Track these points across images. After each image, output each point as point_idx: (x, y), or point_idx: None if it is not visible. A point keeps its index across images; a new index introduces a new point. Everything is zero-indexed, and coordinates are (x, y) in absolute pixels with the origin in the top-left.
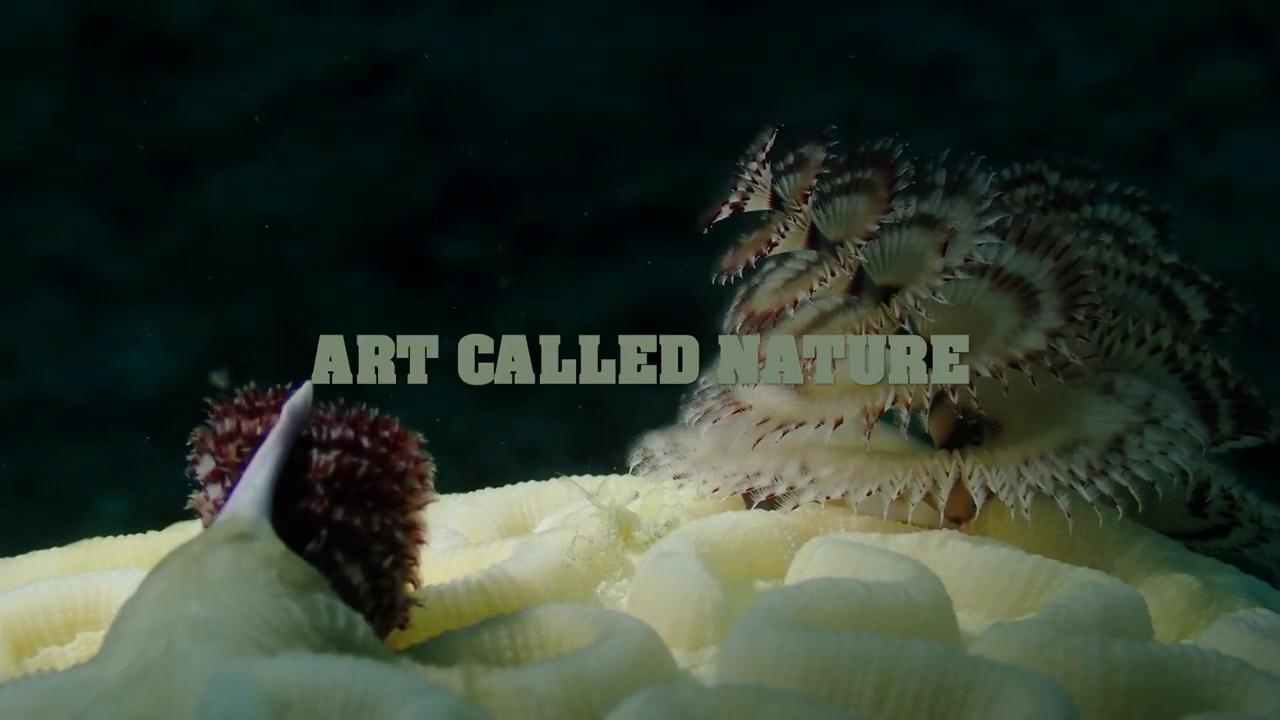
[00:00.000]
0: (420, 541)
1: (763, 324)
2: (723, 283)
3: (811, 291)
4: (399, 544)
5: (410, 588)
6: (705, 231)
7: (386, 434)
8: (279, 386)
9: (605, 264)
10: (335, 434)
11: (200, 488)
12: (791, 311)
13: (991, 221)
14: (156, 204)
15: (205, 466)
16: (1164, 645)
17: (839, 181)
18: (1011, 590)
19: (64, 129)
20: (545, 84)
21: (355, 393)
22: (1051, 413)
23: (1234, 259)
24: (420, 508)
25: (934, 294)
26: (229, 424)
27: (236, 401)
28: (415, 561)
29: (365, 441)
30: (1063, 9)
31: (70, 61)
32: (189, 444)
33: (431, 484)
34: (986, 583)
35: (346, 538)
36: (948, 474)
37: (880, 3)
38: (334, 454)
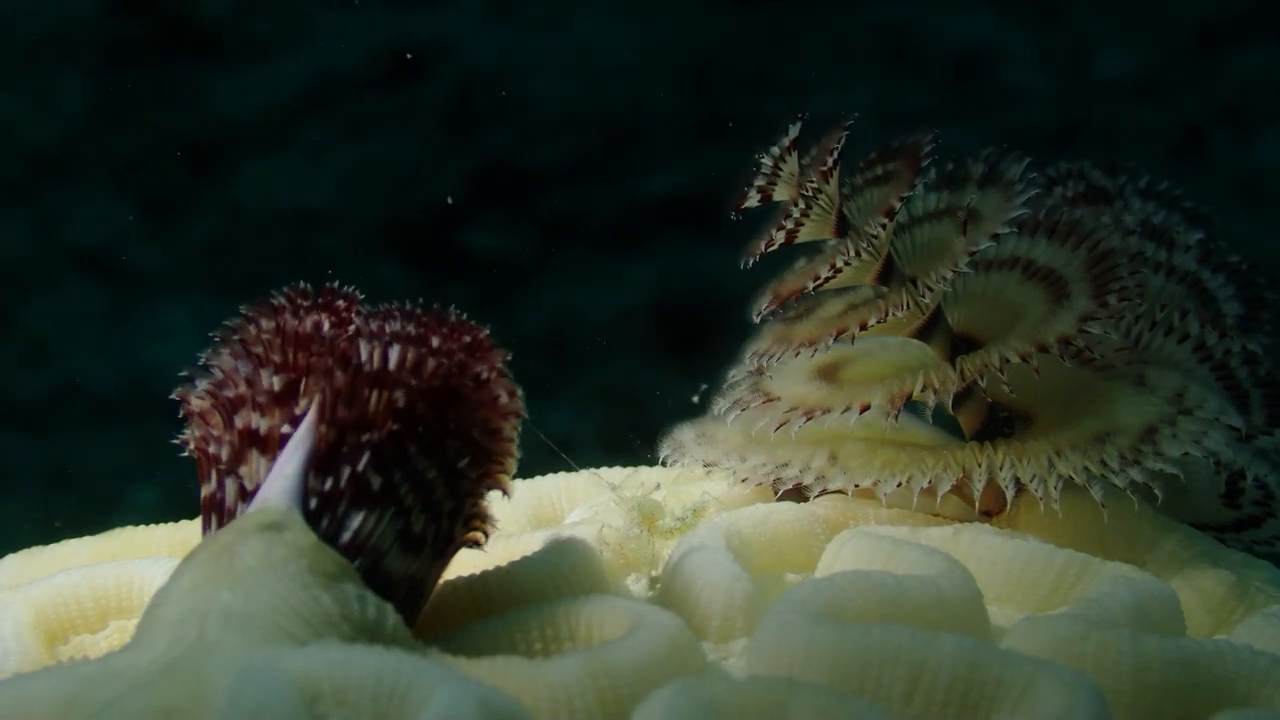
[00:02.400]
0: (507, 452)
1: (787, 300)
2: (749, 265)
3: (835, 268)
4: (478, 445)
5: (496, 497)
6: (735, 217)
7: (467, 338)
8: (328, 285)
9: (633, 256)
10: (397, 327)
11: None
12: (811, 284)
13: (1019, 206)
14: (188, 195)
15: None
16: (1196, 641)
17: (869, 175)
18: (1042, 584)
19: (97, 120)
20: (575, 76)
21: None
22: (1083, 405)
23: (1270, 250)
24: (505, 417)
25: (957, 272)
26: (268, 323)
27: (277, 302)
28: (502, 469)
29: (436, 340)
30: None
31: (103, 52)
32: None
33: (520, 402)
34: (1017, 576)
35: (418, 430)
36: (979, 465)
37: None
38: (398, 347)
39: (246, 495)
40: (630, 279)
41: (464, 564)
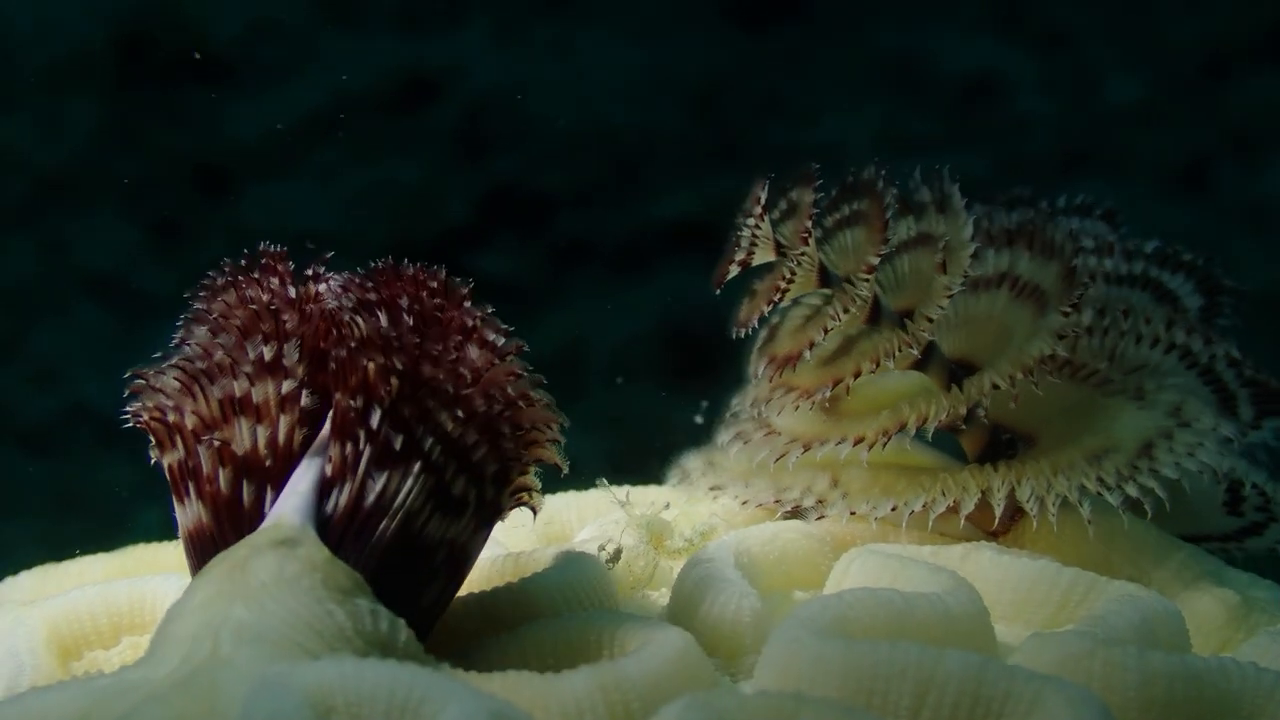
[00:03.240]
0: (545, 421)
1: (784, 367)
2: (742, 335)
3: (826, 332)
4: (496, 415)
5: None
6: (718, 292)
7: (433, 284)
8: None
9: (642, 280)
10: (372, 296)
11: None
12: (809, 354)
13: (971, 230)
14: (197, 218)
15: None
16: (1201, 658)
17: (836, 216)
18: (1049, 602)
19: (106, 143)
20: (582, 100)
21: None
22: (1084, 422)
23: (1275, 277)
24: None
25: (942, 311)
26: (230, 296)
27: (220, 280)
28: (538, 443)
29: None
30: (1103, 27)
31: (113, 76)
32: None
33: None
34: (1024, 594)
35: (427, 386)
36: (977, 487)
37: (918, 20)
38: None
39: (228, 459)
40: (638, 303)
41: (476, 580)
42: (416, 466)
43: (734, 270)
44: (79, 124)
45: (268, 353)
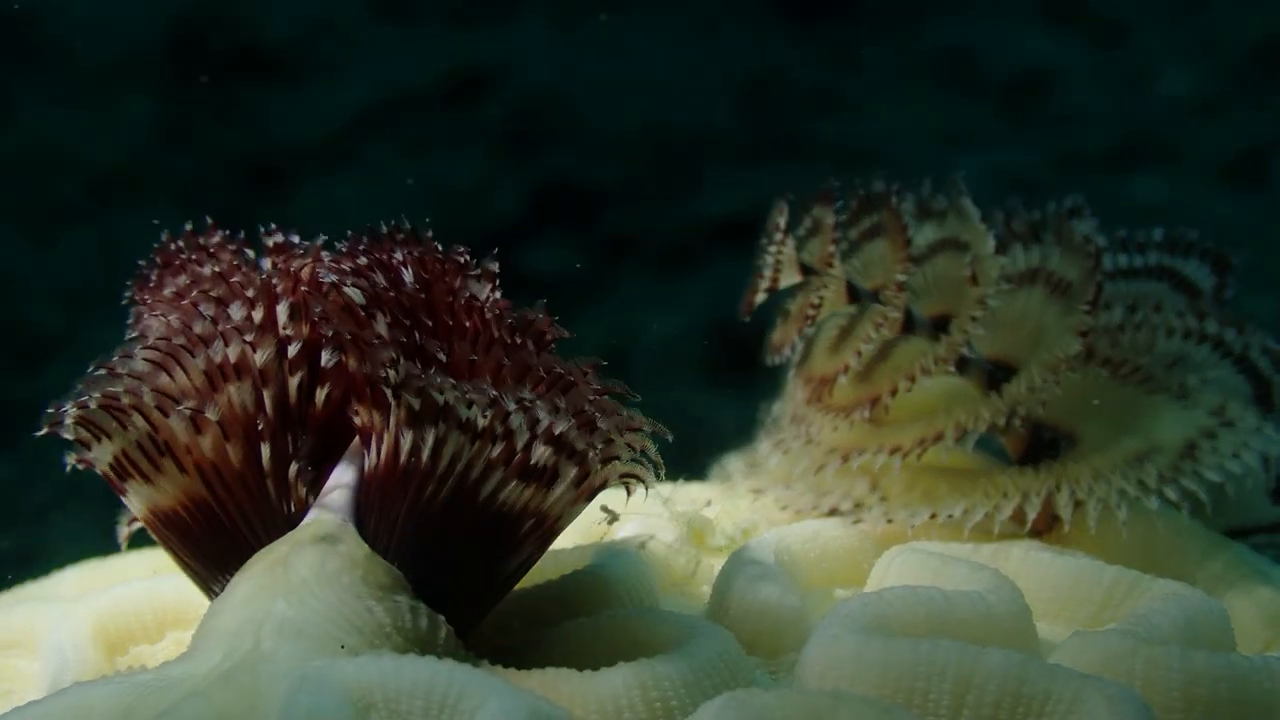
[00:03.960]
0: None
1: (821, 387)
2: (776, 361)
3: (860, 354)
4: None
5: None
6: (747, 319)
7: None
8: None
9: (689, 276)
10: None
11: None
12: (844, 378)
13: (993, 242)
14: (250, 214)
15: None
16: (1246, 657)
17: (857, 230)
18: (1091, 600)
19: (161, 140)
20: (634, 96)
21: None
22: (1126, 421)
23: None
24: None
25: (976, 325)
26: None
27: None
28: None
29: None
30: (1157, 19)
31: (168, 74)
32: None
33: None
34: (1066, 592)
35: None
36: (1017, 492)
37: (970, 14)
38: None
39: (204, 425)
40: (687, 299)
41: None
42: (474, 432)
43: (761, 296)
44: (135, 121)
45: (257, 315)
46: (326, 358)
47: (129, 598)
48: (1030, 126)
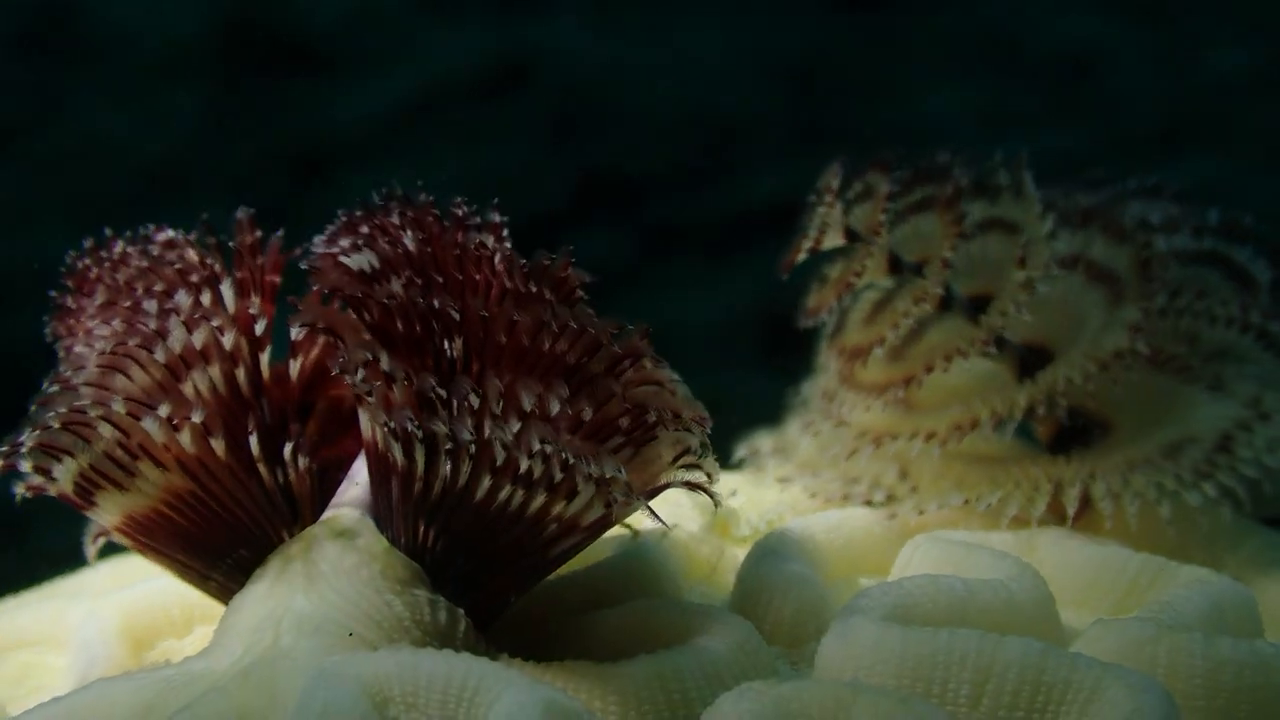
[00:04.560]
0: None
1: (854, 359)
2: (810, 324)
3: (897, 326)
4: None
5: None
6: (785, 278)
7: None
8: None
9: (736, 263)
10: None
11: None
12: (880, 351)
13: (1051, 226)
14: (297, 207)
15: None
16: (1272, 645)
17: (908, 201)
18: (1117, 587)
19: (209, 134)
20: (677, 83)
21: None
22: (1160, 411)
23: None
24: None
25: (1020, 309)
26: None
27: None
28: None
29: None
30: None
31: (215, 67)
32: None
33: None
34: (1091, 579)
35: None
36: (1050, 482)
37: None
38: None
39: (182, 421)
40: (732, 286)
41: None
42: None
43: (803, 255)
44: (184, 115)
45: (206, 298)
46: (295, 332)
47: (157, 593)
48: (1077, 108)
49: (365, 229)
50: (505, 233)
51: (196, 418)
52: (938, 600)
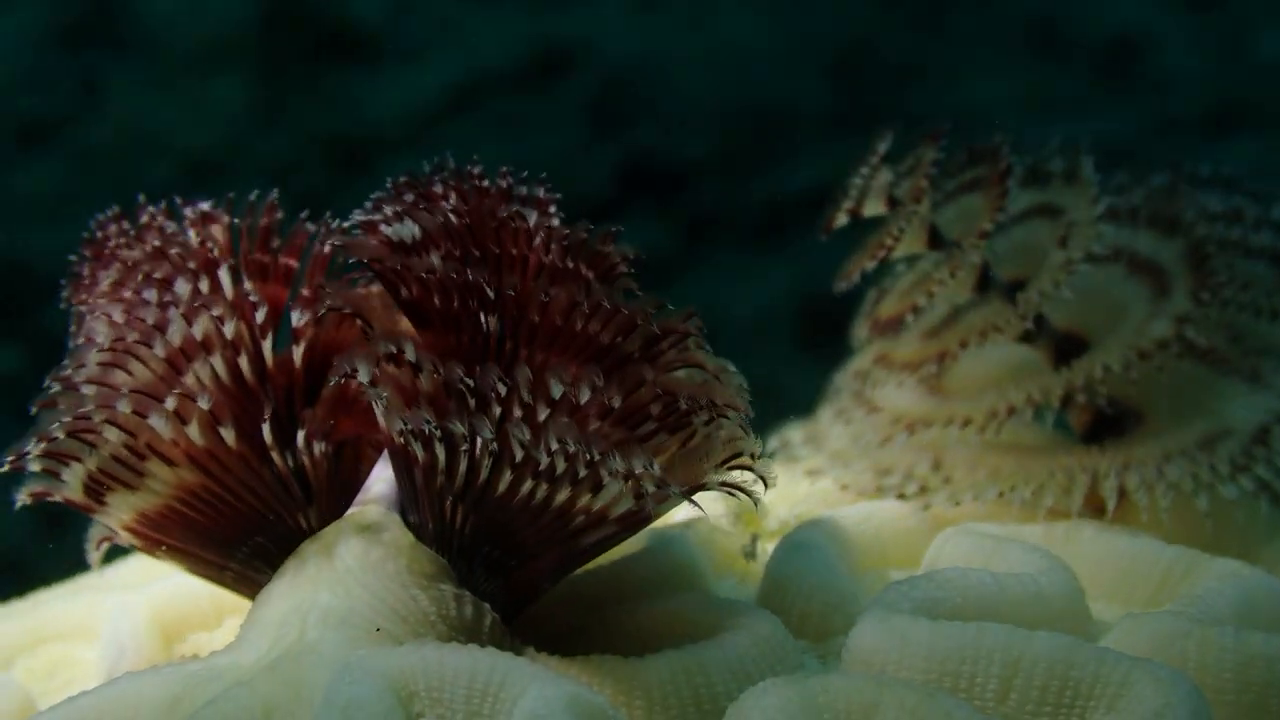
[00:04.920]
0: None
1: (887, 330)
2: (844, 289)
3: (931, 295)
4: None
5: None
6: (824, 238)
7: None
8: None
9: (778, 250)
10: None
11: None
12: (911, 318)
13: (1104, 209)
14: (339, 195)
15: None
16: None
17: (958, 181)
18: (1149, 581)
19: (251, 123)
20: (718, 70)
21: None
22: (1195, 402)
23: None
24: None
25: (1059, 289)
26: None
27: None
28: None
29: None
30: None
31: (257, 57)
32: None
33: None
34: (1124, 573)
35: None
36: (1085, 472)
37: None
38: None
39: (189, 413)
40: (774, 274)
41: None
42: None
43: (843, 218)
44: (225, 105)
45: (204, 285)
46: (297, 318)
47: (187, 586)
48: (1123, 92)
49: (410, 197)
50: (553, 208)
51: (204, 404)
52: (966, 594)
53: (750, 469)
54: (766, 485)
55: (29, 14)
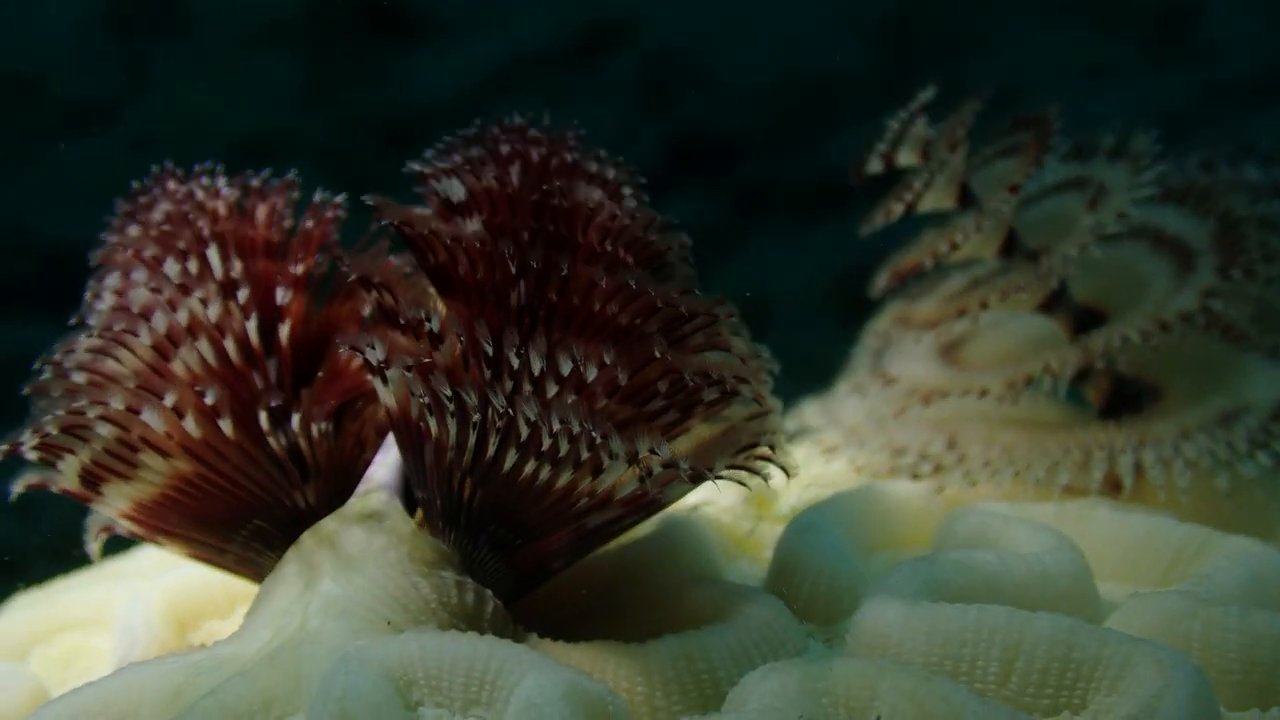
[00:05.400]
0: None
1: (906, 276)
2: (868, 236)
3: (954, 246)
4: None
5: None
6: (856, 186)
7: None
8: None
9: (826, 223)
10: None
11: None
12: (929, 262)
13: (1149, 180)
14: (388, 175)
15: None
16: None
17: (1000, 146)
18: (1160, 560)
19: (300, 104)
20: (767, 43)
21: None
22: (1214, 378)
23: None
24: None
25: (1083, 251)
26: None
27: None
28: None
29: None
30: None
31: (305, 37)
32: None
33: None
34: (1134, 552)
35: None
36: (1101, 448)
37: None
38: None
39: (187, 404)
40: (823, 247)
41: None
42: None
43: (876, 164)
44: (274, 87)
45: (193, 266)
46: (282, 295)
47: (200, 574)
48: (1174, 59)
49: (477, 152)
50: (628, 189)
51: (210, 399)
52: (971, 575)
53: (770, 459)
54: (789, 475)
55: None
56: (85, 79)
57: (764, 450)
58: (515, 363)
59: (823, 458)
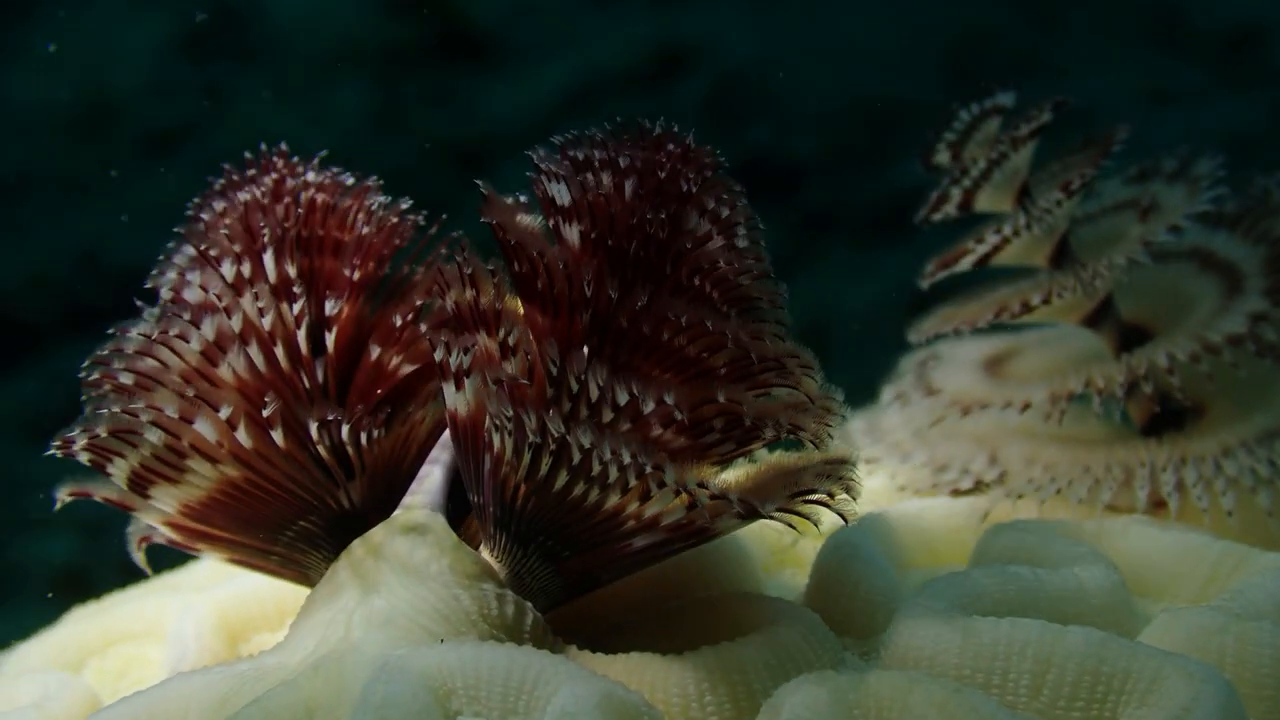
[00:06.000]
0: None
1: (950, 264)
2: (924, 224)
3: (1004, 239)
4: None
5: None
6: (924, 171)
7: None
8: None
9: (893, 246)
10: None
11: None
12: (975, 248)
13: (1206, 200)
14: (457, 198)
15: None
16: None
17: (1063, 162)
18: (1197, 576)
19: (372, 128)
20: (834, 67)
21: None
22: (1256, 396)
23: None
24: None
25: (1131, 260)
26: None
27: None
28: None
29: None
30: None
31: (378, 62)
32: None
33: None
34: (1170, 568)
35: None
36: (1143, 466)
37: None
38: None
39: (239, 411)
40: (888, 270)
41: None
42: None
43: (942, 154)
44: (346, 111)
45: (246, 269)
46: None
47: (251, 587)
48: (1241, 82)
49: (598, 155)
50: (738, 229)
51: (267, 411)
52: (1006, 590)
53: (828, 505)
54: (845, 521)
55: (156, 25)
56: (162, 105)
57: (822, 496)
58: (575, 387)
59: (863, 469)
